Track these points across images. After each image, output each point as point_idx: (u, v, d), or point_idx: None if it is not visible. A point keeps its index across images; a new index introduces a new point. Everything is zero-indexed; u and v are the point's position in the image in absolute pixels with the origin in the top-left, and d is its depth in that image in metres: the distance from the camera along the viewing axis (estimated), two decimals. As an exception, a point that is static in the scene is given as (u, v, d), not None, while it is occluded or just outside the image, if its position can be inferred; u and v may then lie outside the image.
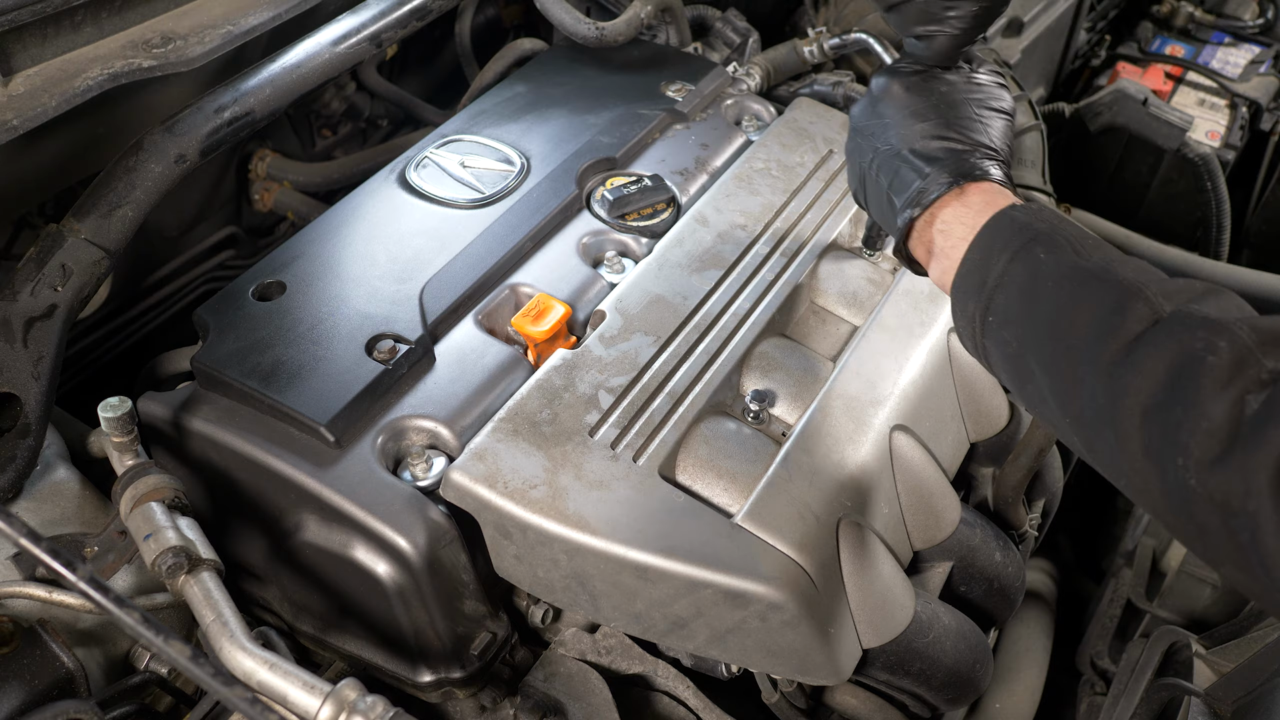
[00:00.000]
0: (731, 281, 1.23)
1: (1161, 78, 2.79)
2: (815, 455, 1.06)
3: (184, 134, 1.20)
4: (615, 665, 1.10)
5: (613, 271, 1.27)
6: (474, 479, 0.99)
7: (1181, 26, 2.99)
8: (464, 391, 1.10)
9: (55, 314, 1.08)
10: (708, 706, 1.08)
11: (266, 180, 1.67)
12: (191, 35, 1.24)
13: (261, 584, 1.16)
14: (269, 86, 1.29)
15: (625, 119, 1.46)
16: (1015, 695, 1.35)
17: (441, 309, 1.16)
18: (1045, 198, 1.74)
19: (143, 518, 0.96)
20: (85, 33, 1.17)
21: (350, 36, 1.39)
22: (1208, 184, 2.28)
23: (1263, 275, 1.80)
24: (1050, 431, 1.32)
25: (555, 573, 1.00)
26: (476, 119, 1.45)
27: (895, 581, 1.08)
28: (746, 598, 0.94)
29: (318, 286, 1.18)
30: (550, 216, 1.29)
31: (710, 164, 1.44)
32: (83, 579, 0.74)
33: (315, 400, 1.05)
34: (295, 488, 1.03)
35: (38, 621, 0.99)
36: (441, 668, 1.07)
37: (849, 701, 1.15)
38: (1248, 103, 2.73)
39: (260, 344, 1.10)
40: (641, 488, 1.00)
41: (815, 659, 0.99)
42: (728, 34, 1.77)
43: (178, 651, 0.73)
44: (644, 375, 1.11)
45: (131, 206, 1.15)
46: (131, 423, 1.02)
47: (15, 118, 1.07)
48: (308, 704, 0.85)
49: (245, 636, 0.90)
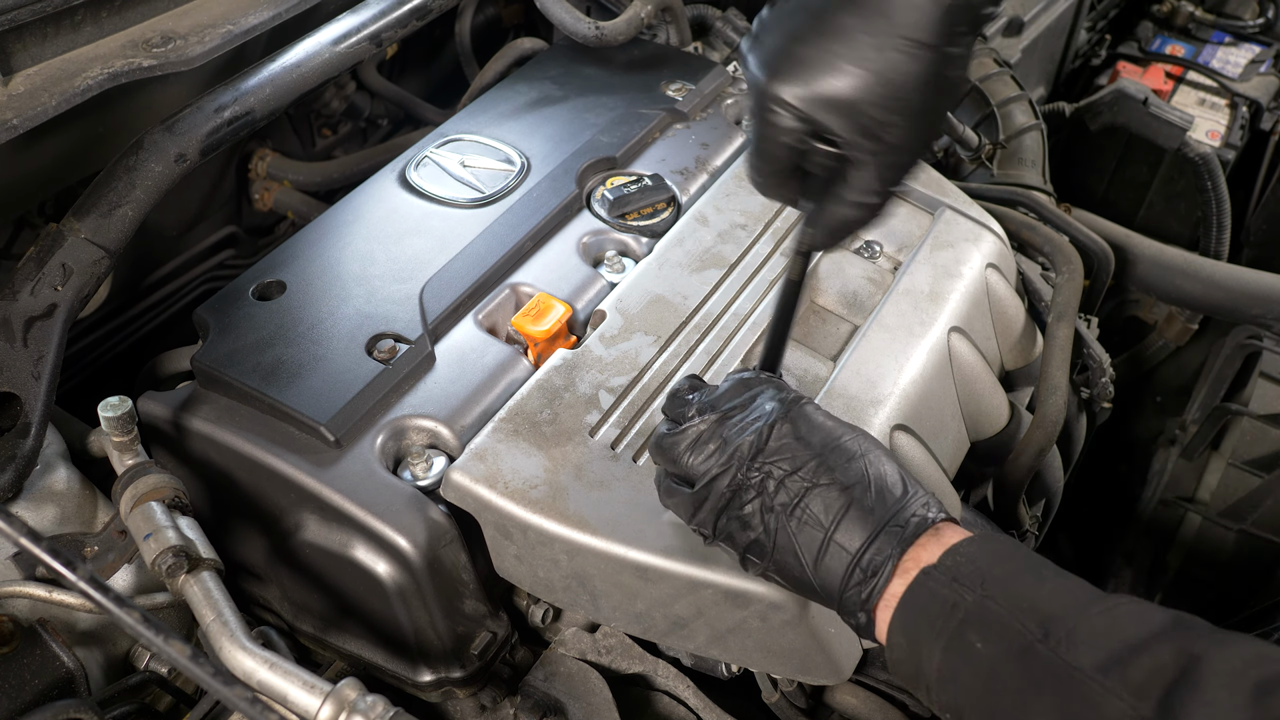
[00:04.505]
0: (732, 281, 1.23)
1: (1162, 77, 2.79)
2: (815, 455, 1.05)
3: (184, 133, 1.20)
4: (615, 665, 1.10)
5: (613, 271, 1.27)
6: (474, 479, 0.99)
7: (1182, 26, 2.99)
8: (464, 391, 1.10)
9: (55, 313, 1.08)
10: (708, 706, 1.08)
11: (266, 179, 1.67)
12: (191, 35, 1.24)
13: (261, 583, 1.16)
14: (269, 86, 1.29)
15: (625, 118, 1.46)
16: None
17: (442, 308, 1.16)
18: (1045, 197, 1.74)
19: (143, 517, 0.96)
20: (85, 32, 1.17)
21: (350, 36, 1.39)
22: (1208, 184, 2.28)
23: (1263, 275, 1.80)
24: (1050, 430, 1.32)
25: (555, 573, 1.00)
26: (477, 118, 1.45)
27: (895, 581, 1.07)
28: (747, 597, 0.94)
29: (318, 286, 1.18)
30: (550, 216, 1.29)
31: (711, 163, 1.44)
32: (83, 578, 0.74)
33: (315, 399, 1.05)
34: (295, 487, 1.03)
35: (38, 621, 0.99)
36: (442, 667, 1.06)
37: (849, 701, 1.15)
38: (1248, 102, 2.73)
39: (260, 343, 1.10)
40: (642, 487, 1.00)
41: (815, 658, 0.98)
42: (728, 33, 1.78)
43: (178, 651, 0.73)
44: (644, 375, 1.11)
45: (131, 206, 1.15)
46: (131, 422, 1.02)
47: (15, 117, 1.07)
48: (308, 703, 0.85)
49: (245, 636, 0.90)
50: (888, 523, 0.81)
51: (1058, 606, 0.72)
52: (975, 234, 1.36)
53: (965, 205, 1.41)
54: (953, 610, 0.75)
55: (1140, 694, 0.66)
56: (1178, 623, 0.70)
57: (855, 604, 0.81)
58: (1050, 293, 1.52)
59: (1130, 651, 0.68)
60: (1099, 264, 1.72)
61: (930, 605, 0.77)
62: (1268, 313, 1.77)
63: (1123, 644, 0.68)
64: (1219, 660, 0.66)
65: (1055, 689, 0.69)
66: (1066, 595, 0.74)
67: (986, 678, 0.73)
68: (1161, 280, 1.83)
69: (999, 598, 0.74)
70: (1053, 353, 1.42)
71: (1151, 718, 0.65)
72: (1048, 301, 1.51)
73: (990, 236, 1.37)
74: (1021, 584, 0.75)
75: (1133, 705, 0.66)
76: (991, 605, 0.74)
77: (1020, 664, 0.71)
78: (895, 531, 0.81)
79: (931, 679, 0.77)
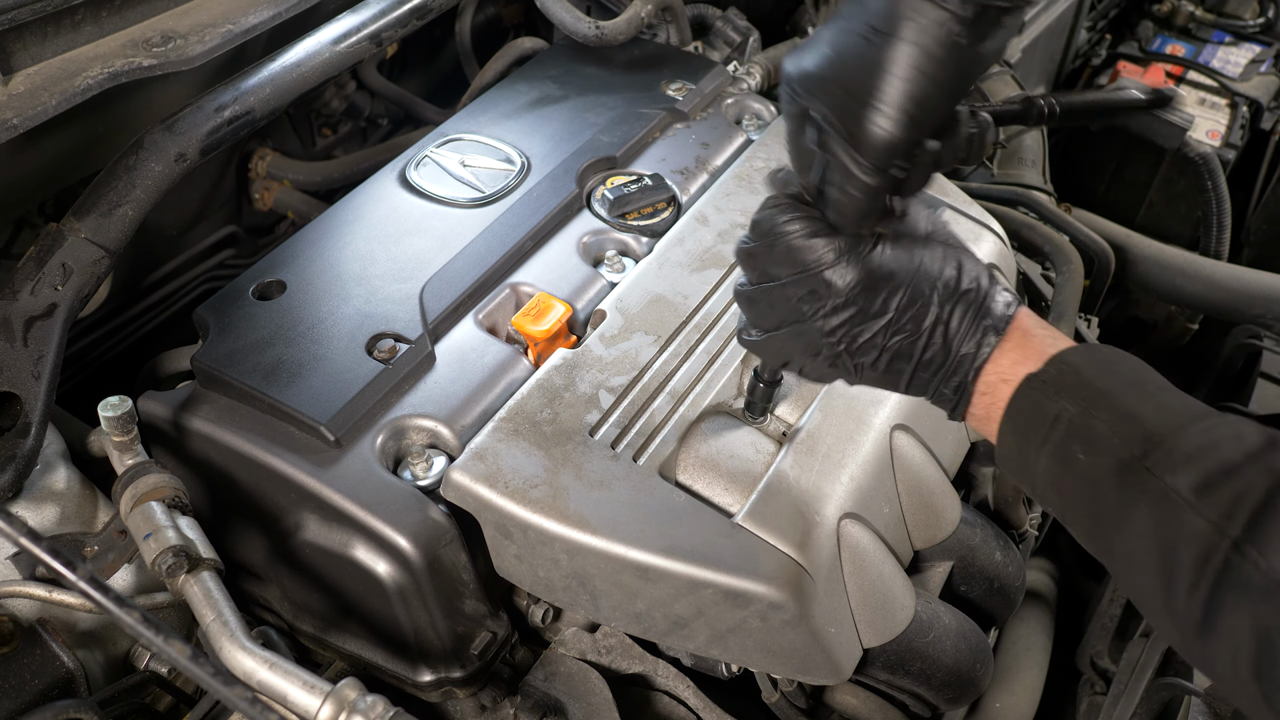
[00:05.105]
0: (732, 280, 1.23)
1: (1162, 77, 2.79)
2: (816, 455, 1.05)
3: (184, 133, 1.20)
4: (615, 665, 1.10)
5: (613, 271, 1.27)
6: (474, 478, 0.99)
7: (1182, 25, 2.99)
8: (464, 391, 1.10)
9: (55, 313, 1.08)
10: (708, 706, 1.08)
11: (266, 179, 1.67)
12: (191, 34, 1.24)
13: (261, 583, 1.16)
14: (269, 85, 1.29)
15: (626, 118, 1.46)
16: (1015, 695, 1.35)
17: (442, 308, 1.16)
18: (1046, 197, 1.74)
19: (143, 517, 0.96)
20: (85, 31, 1.17)
21: (350, 35, 1.39)
22: (1208, 183, 2.28)
23: (1263, 275, 1.80)
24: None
25: (556, 572, 1.00)
26: (477, 118, 1.45)
27: (896, 581, 1.08)
28: (747, 597, 0.94)
29: (318, 285, 1.18)
30: (550, 215, 1.29)
31: (711, 163, 1.44)
32: (83, 578, 0.74)
33: (315, 399, 1.05)
34: (295, 487, 1.03)
35: (38, 621, 0.99)
36: (442, 667, 1.06)
37: (849, 701, 1.15)
38: (1248, 102, 2.74)
39: (260, 343, 1.10)
40: (642, 487, 1.00)
41: (815, 658, 0.98)
42: (728, 33, 1.77)
43: (178, 651, 0.73)
44: (644, 375, 1.11)
45: (132, 205, 1.15)
46: (131, 422, 1.02)
47: (15, 116, 1.07)
48: (308, 703, 0.85)
49: (245, 636, 0.90)
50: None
51: (1158, 423, 0.75)
52: (975, 234, 1.36)
53: (965, 205, 1.41)
54: (1055, 421, 0.78)
55: (1229, 515, 0.69)
56: (1270, 444, 0.72)
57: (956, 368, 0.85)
58: (1051, 292, 1.53)
59: (1224, 473, 0.71)
60: (1099, 264, 1.72)
61: (1035, 414, 0.80)
62: (1268, 312, 1.77)
63: (1218, 464, 0.71)
64: None
65: (1151, 506, 0.72)
66: (1167, 412, 0.76)
67: (1088, 487, 0.76)
68: (1162, 280, 1.83)
69: (1102, 412, 0.77)
70: (1053, 352, 1.42)
71: (1240, 537, 0.68)
72: (1048, 301, 1.51)
73: (990, 236, 1.37)
74: (1125, 398, 0.78)
75: (1221, 527, 0.69)
76: (1094, 420, 0.77)
77: (1120, 479, 0.74)
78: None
79: (1038, 479, 0.81)
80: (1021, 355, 0.83)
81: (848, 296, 0.84)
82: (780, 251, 0.85)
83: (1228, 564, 0.68)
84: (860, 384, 0.90)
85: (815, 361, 0.89)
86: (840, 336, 0.85)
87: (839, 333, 0.85)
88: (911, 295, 0.84)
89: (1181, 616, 0.71)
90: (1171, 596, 0.71)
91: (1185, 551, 0.70)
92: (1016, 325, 0.85)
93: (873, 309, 0.84)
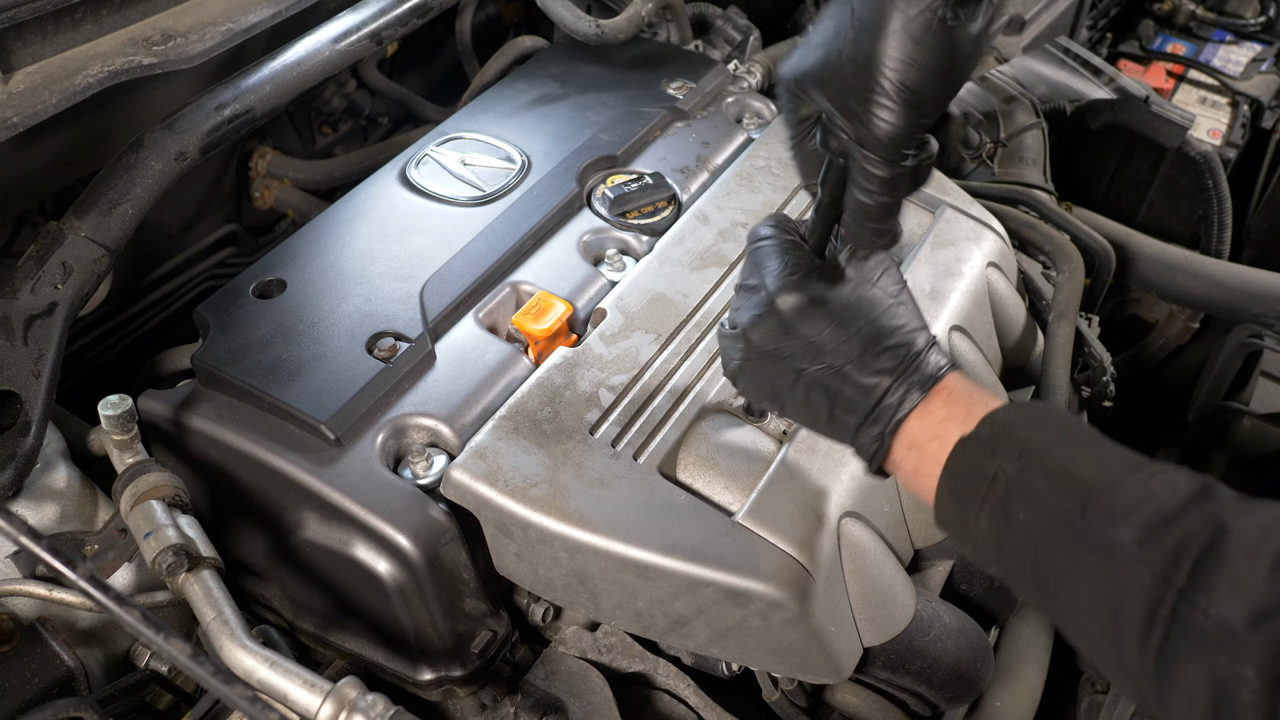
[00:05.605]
0: (733, 279, 1.23)
1: (1163, 76, 2.79)
2: (816, 453, 1.05)
3: (184, 131, 1.20)
4: (616, 663, 1.10)
5: (613, 269, 1.27)
6: (475, 477, 0.99)
7: (1183, 24, 2.98)
8: (464, 389, 1.10)
9: (55, 312, 1.08)
10: (708, 705, 1.08)
11: (267, 178, 1.67)
12: (192, 33, 1.24)
13: (262, 582, 1.16)
14: (269, 84, 1.29)
15: (626, 117, 1.46)
16: (1016, 693, 1.35)
17: (442, 307, 1.16)
18: (1046, 196, 1.74)
19: (143, 515, 0.96)
20: (85, 30, 1.17)
21: (351, 34, 1.39)
22: (1209, 182, 2.27)
23: (1264, 274, 1.80)
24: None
25: (556, 571, 1.00)
26: (477, 116, 1.45)
27: (896, 580, 1.07)
28: (747, 596, 0.94)
29: (318, 284, 1.18)
30: (551, 214, 1.29)
31: (711, 162, 1.44)
32: (83, 577, 0.74)
33: (316, 398, 1.05)
34: (295, 485, 1.03)
35: (38, 620, 0.99)
36: (442, 666, 1.06)
37: (850, 700, 1.15)
38: (1249, 101, 2.73)
39: (261, 342, 1.10)
40: (642, 486, 1.00)
41: (816, 657, 0.98)
42: (729, 31, 1.77)
43: (178, 649, 0.73)
44: (645, 373, 1.11)
45: (132, 204, 1.15)
46: (132, 420, 1.02)
47: (15, 115, 1.07)
48: (308, 702, 0.85)
49: (245, 634, 0.90)
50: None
51: (1094, 477, 0.75)
52: (976, 233, 1.36)
53: (966, 204, 1.41)
54: (994, 482, 0.78)
55: (1174, 564, 0.68)
56: (1205, 491, 0.72)
57: (875, 418, 0.86)
58: (1051, 291, 1.52)
59: (1164, 522, 0.70)
60: (1100, 262, 1.72)
61: (973, 475, 0.80)
62: (1269, 311, 1.77)
63: (1158, 514, 0.71)
64: (1242, 530, 0.68)
65: (1095, 560, 0.72)
66: (1101, 465, 0.76)
67: (1031, 546, 0.76)
68: (1162, 279, 1.83)
69: (1037, 470, 0.77)
70: (1053, 351, 1.42)
71: (1185, 586, 0.67)
72: (1049, 300, 1.51)
73: (991, 235, 1.37)
74: (1058, 453, 0.77)
75: (1166, 577, 0.68)
76: (1031, 478, 0.77)
77: (1061, 534, 0.74)
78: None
79: (979, 540, 0.80)
80: (949, 413, 0.83)
81: (784, 317, 0.87)
82: (751, 260, 0.91)
83: (1175, 614, 0.67)
84: (785, 415, 0.93)
85: (742, 372, 0.92)
86: (761, 349, 0.88)
87: (765, 343, 0.88)
88: (838, 330, 0.85)
89: (1134, 669, 0.70)
90: (1123, 650, 0.70)
91: (1133, 603, 0.69)
92: (944, 386, 0.85)
93: (799, 330, 0.86)
